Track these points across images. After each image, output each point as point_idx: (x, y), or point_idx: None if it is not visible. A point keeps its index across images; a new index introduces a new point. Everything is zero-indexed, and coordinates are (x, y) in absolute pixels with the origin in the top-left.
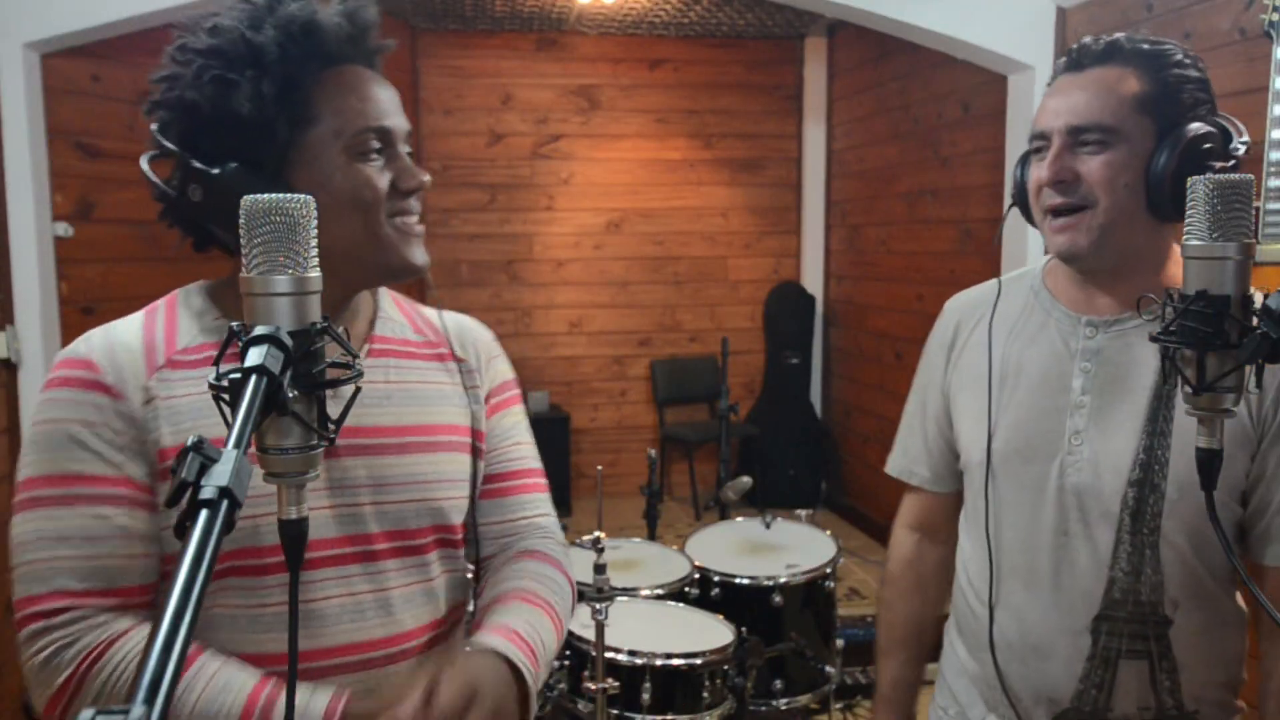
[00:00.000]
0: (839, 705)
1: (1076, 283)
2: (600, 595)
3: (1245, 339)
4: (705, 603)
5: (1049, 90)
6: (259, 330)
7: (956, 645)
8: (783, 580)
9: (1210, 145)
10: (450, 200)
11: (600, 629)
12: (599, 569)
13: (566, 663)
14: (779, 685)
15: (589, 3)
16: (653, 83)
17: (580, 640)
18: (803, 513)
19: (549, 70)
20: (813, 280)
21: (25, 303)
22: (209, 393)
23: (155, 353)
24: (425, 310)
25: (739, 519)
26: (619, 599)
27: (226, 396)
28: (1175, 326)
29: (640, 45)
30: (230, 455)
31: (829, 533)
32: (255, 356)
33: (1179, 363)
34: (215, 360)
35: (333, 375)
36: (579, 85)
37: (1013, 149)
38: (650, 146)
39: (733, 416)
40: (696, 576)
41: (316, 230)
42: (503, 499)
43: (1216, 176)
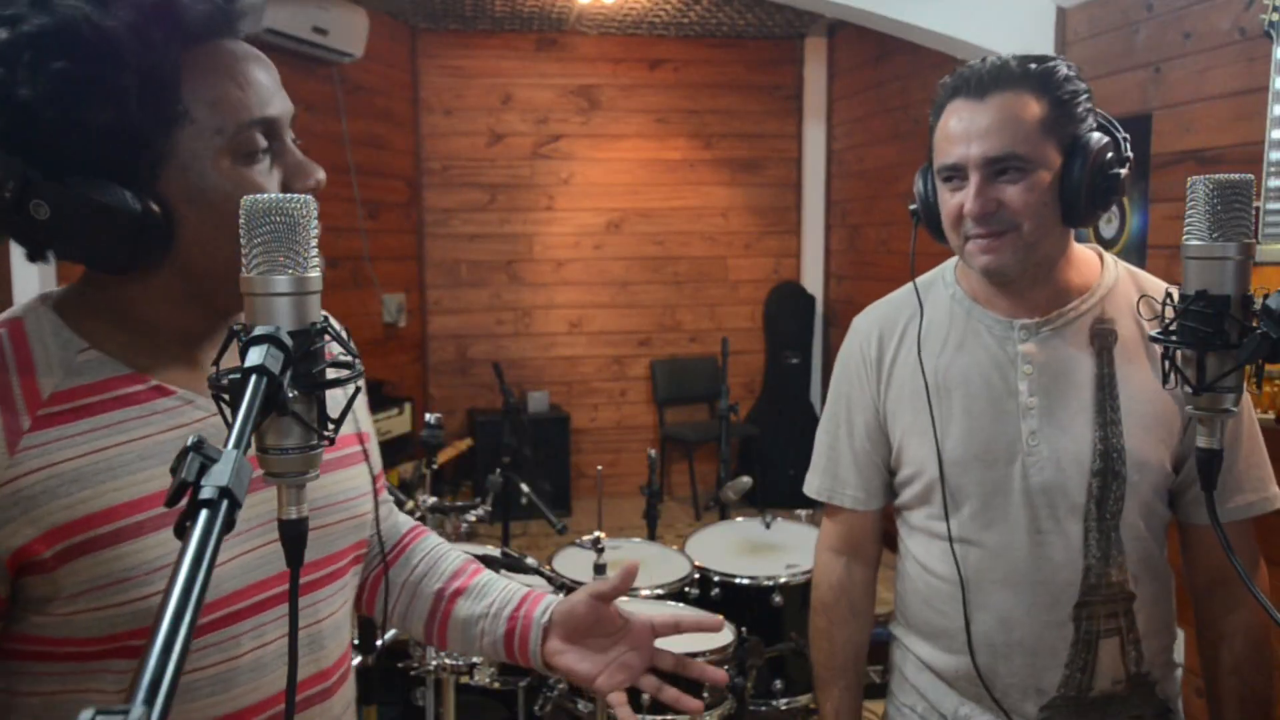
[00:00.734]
0: None
1: (998, 289)
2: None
3: (1245, 339)
4: (705, 603)
5: (947, 114)
6: (259, 330)
7: (915, 646)
8: (783, 580)
9: (1112, 154)
10: (450, 200)
11: None
12: (599, 569)
13: None
14: (779, 685)
15: (589, 3)
16: (653, 83)
17: None
18: (803, 513)
19: (549, 70)
20: (813, 280)
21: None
22: (108, 449)
23: (16, 419)
24: None
25: (739, 519)
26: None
27: (226, 397)
28: (1175, 326)
29: (640, 45)
30: (230, 455)
31: None
32: (255, 356)
33: (1179, 363)
34: (215, 360)
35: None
36: (579, 85)
37: None
38: (650, 146)
39: (733, 416)
40: (696, 576)
41: (180, 243)
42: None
43: (1216, 177)
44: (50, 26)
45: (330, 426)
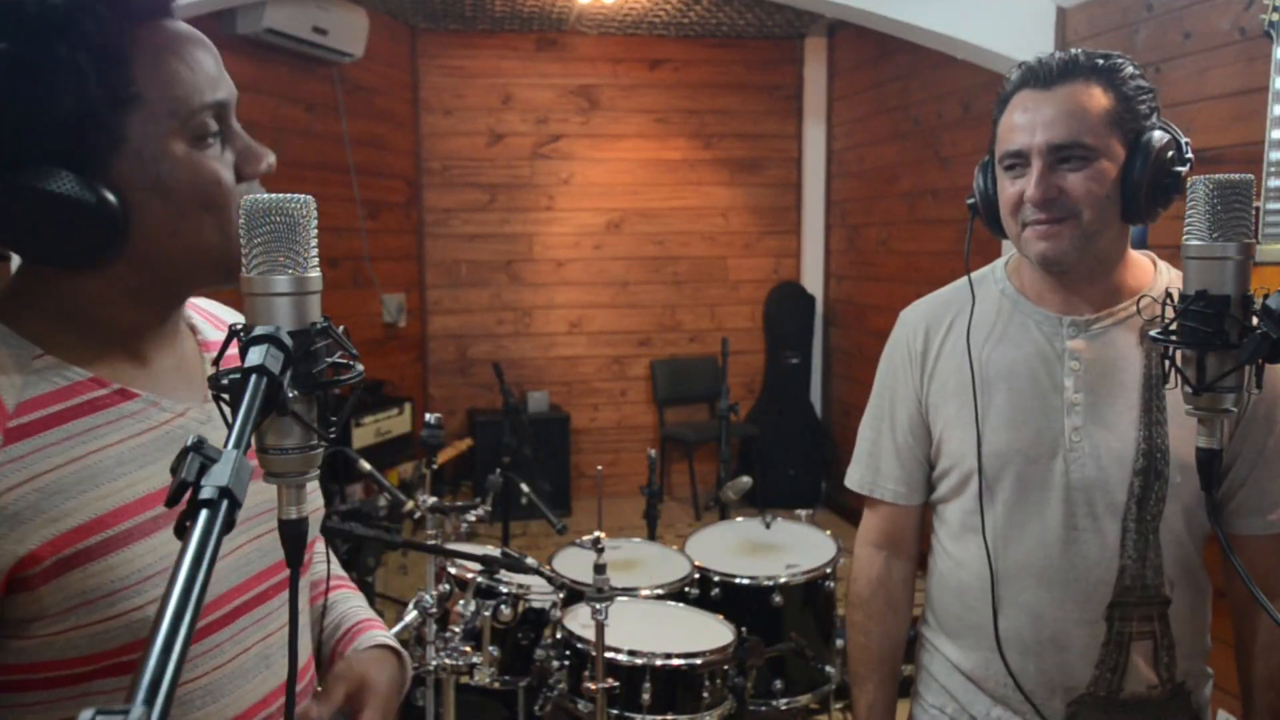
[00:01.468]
0: (839, 705)
1: (1050, 285)
2: (600, 595)
3: (1245, 339)
4: (705, 603)
5: (1012, 106)
6: (259, 330)
7: (944, 646)
8: (783, 580)
9: (1173, 153)
10: (450, 200)
11: (600, 629)
12: (599, 569)
13: (566, 663)
14: (779, 685)
15: (589, 3)
16: (653, 83)
17: (580, 640)
18: (803, 513)
19: (549, 70)
20: (813, 280)
21: None
22: (85, 457)
23: None
24: (201, 303)
25: (739, 519)
26: (619, 599)
27: (226, 396)
28: (1175, 326)
29: (640, 45)
30: (230, 455)
31: (829, 533)
32: (255, 356)
33: (1179, 363)
34: (215, 360)
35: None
36: (579, 85)
37: None
38: (650, 146)
39: (733, 416)
40: (696, 576)
41: (136, 234)
42: None
43: (1216, 177)
44: None
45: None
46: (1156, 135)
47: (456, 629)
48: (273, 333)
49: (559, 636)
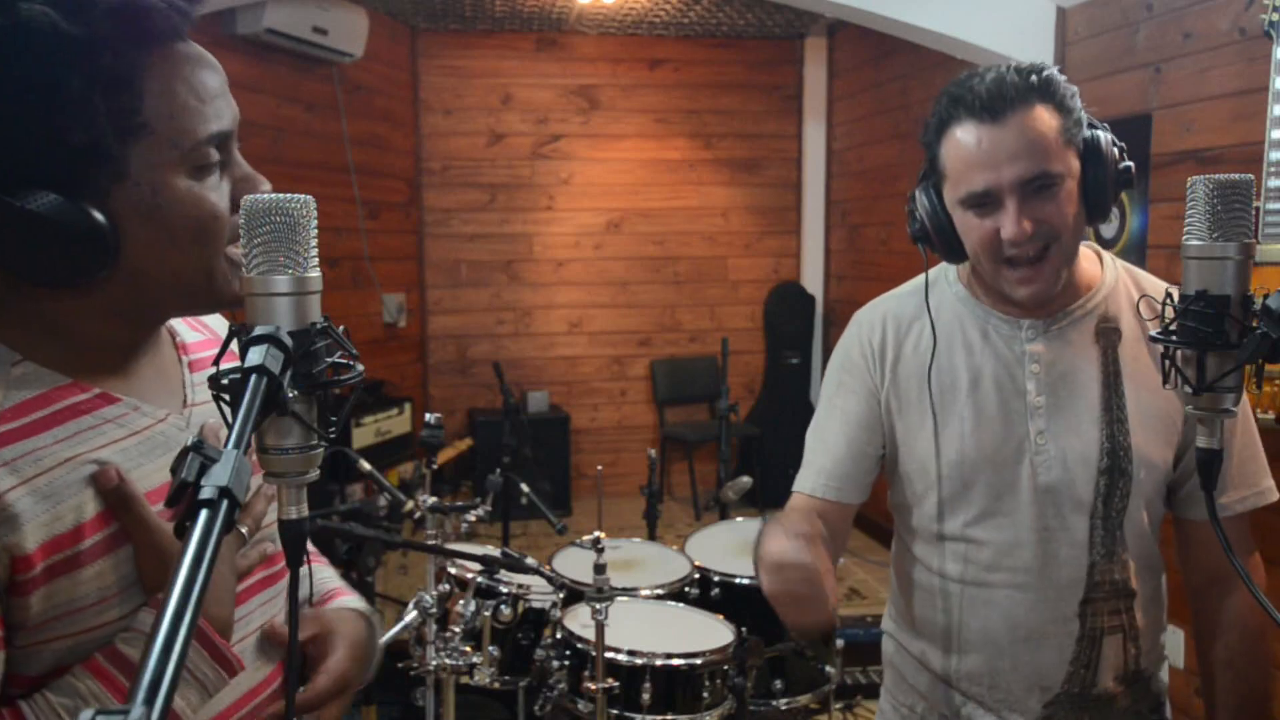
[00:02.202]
0: (839, 705)
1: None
2: (600, 595)
3: (1245, 339)
4: (705, 603)
5: (958, 139)
6: (259, 330)
7: (913, 645)
8: None
9: (1116, 148)
10: (450, 200)
11: (600, 629)
12: (599, 569)
13: (566, 663)
14: (779, 685)
15: (589, 3)
16: (653, 83)
17: (580, 640)
18: None
19: (549, 70)
20: (813, 280)
21: None
22: (71, 460)
23: None
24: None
25: (739, 519)
26: (619, 599)
27: (227, 396)
28: (1175, 326)
29: (640, 45)
30: (230, 455)
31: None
32: (255, 356)
33: (1179, 363)
34: (215, 360)
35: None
36: (579, 85)
37: None
38: (650, 146)
39: (733, 416)
40: (696, 576)
41: (127, 257)
42: None
43: (1216, 177)
44: (9, 29)
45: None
46: (1101, 136)
47: (456, 629)
48: (273, 333)
49: (559, 636)
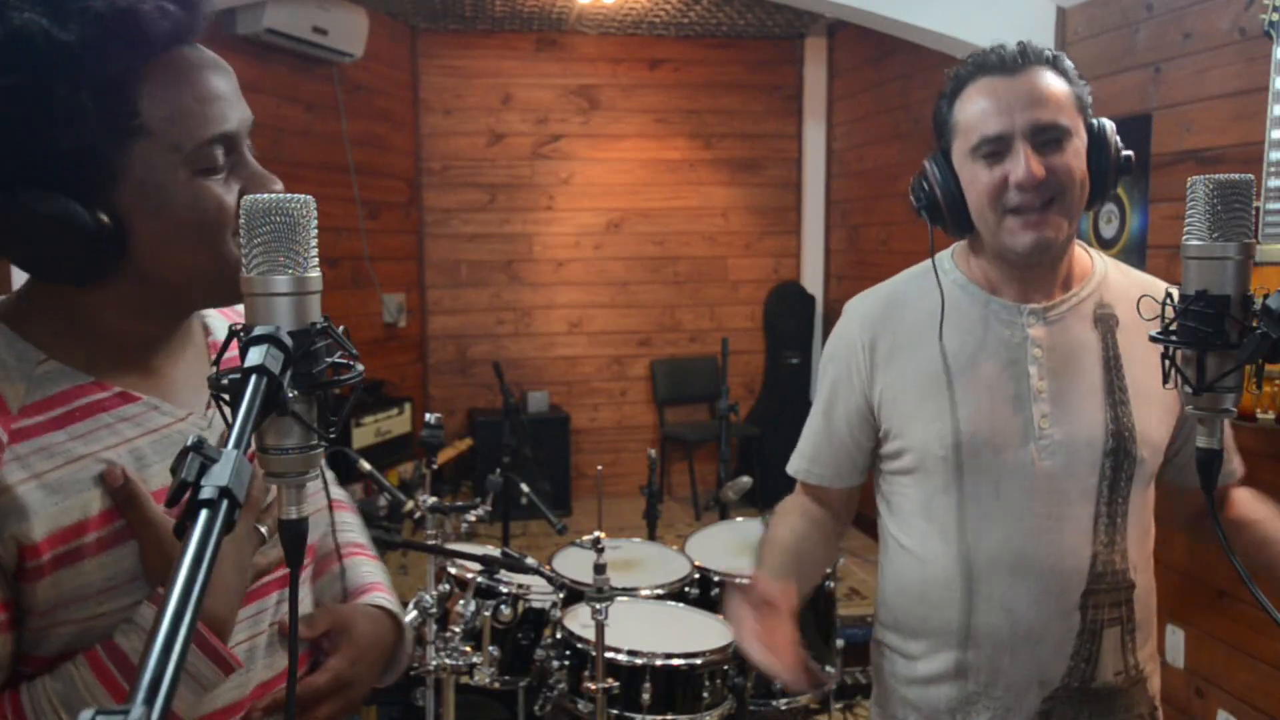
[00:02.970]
0: (839, 705)
1: (1006, 274)
2: (600, 595)
3: (1245, 339)
4: (705, 603)
5: (972, 95)
6: (259, 330)
7: (903, 648)
8: None
9: (1118, 138)
10: (450, 200)
11: (600, 629)
12: (599, 569)
13: (566, 663)
14: (779, 685)
15: (589, 3)
16: (653, 83)
17: (580, 640)
18: None
19: (549, 70)
20: (813, 280)
21: None
22: (84, 458)
23: None
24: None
25: (739, 519)
26: (619, 599)
27: (226, 396)
28: (1175, 326)
29: (640, 45)
30: (230, 455)
31: None
32: (255, 356)
33: (1179, 363)
34: (215, 360)
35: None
36: (579, 85)
37: None
38: (650, 146)
39: (733, 416)
40: (696, 576)
41: (138, 254)
42: None
43: (1216, 177)
44: (2, 37)
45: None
46: (1106, 123)
47: (456, 629)
48: (273, 333)
49: (559, 636)
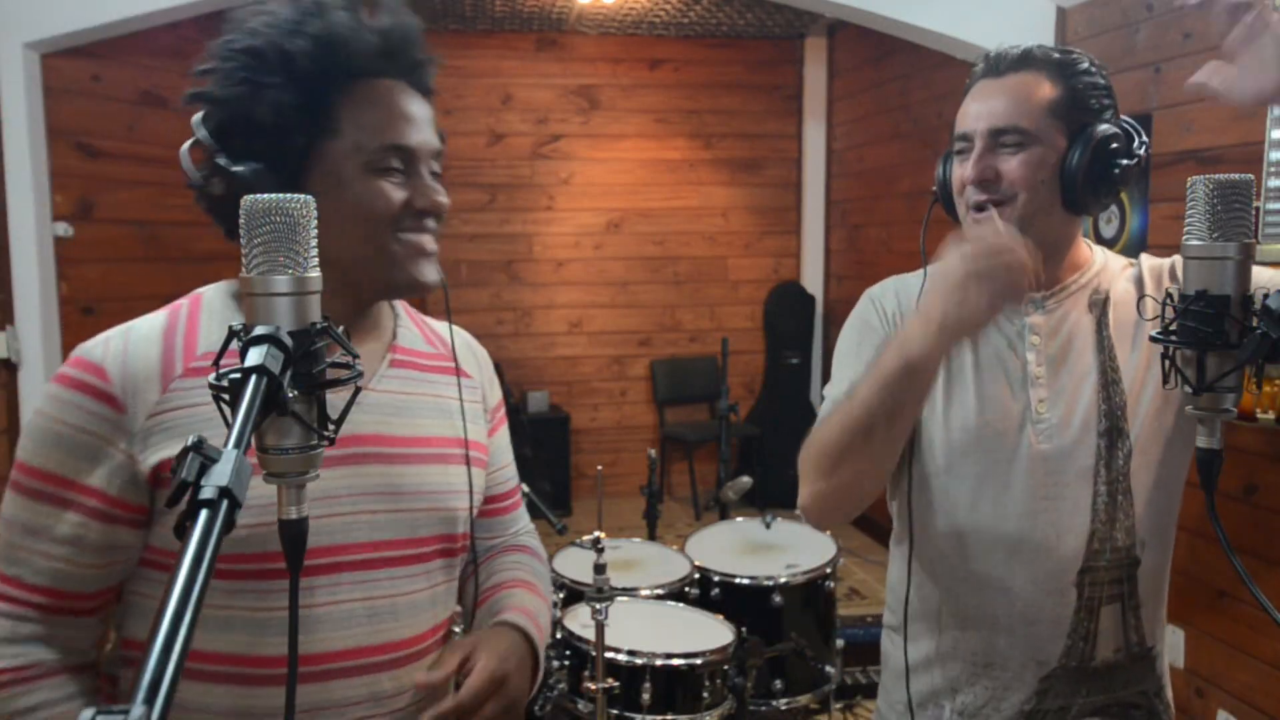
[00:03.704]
0: (839, 705)
1: None
2: (600, 595)
3: (1245, 339)
4: (705, 603)
5: (969, 94)
6: (259, 330)
7: (910, 633)
8: (783, 580)
9: (1117, 145)
10: (450, 200)
11: (600, 629)
12: (599, 569)
13: (566, 663)
14: (779, 685)
15: (589, 3)
16: (653, 83)
17: (580, 640)
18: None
19: (549, 70)
20: (813, 280)
21: (25, 303)
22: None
23: (173, 364)
24: (433, 323)
25: (739, 519)
26: (619, 599)
27: (226, 396)
28: (1175, 326)
29: (640, 45)
30: (230, 455)
31: (829, 533)
32: (255, 356)
33: (1179, 363)
34: (215, 360)
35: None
36: (579, 85)
37: None
38: (650, 146)
39: (733, 416)
40: (696, 576)
41: (318, 233)
42: (498, 518)
43: (1216, 177)
44: (248, 45)
45: (330, 427)
46: (1100, 128)
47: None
48: (273, 333)
49: (559, 636)
